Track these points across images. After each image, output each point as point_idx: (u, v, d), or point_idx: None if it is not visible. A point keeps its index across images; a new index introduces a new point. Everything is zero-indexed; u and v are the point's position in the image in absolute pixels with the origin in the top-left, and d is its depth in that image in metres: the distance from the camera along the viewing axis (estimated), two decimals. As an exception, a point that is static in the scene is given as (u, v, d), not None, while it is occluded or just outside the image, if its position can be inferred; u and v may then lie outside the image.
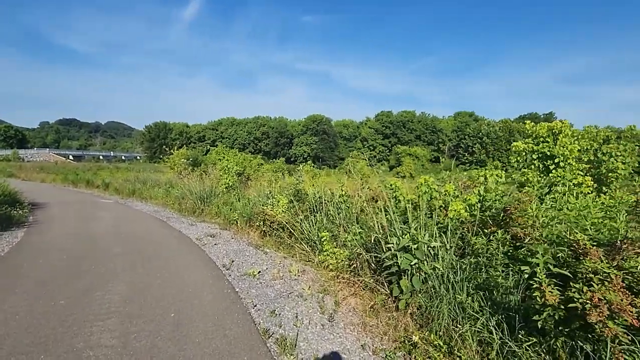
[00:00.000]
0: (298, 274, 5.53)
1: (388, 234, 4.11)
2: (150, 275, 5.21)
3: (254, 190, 12.73)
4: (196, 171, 17.79)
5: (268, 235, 8.26)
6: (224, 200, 11.85)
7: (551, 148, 6.42)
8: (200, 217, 11.44)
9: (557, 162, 6.27)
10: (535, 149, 6.53)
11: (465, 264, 3.32)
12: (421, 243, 3.52)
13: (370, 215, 5.90)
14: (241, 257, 6.43)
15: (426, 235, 3.60)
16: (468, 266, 3.24)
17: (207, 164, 23.96)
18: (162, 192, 15.78)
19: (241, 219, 9.46)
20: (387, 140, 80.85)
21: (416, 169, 56.93)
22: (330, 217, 6.95)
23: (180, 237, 8.07)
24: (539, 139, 6.71)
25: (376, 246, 4.37)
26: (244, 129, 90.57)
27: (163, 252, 6.57)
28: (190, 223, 10.08)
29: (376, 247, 4.37)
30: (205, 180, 14.17)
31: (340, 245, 5.77)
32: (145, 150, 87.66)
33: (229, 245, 7.42)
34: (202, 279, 5.12)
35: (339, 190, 7.38)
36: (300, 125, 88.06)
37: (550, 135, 6.58)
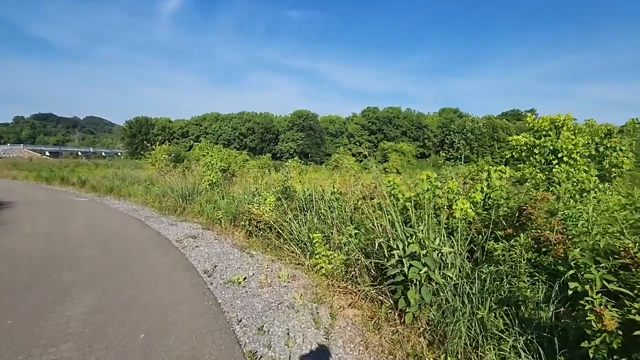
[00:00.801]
0: (288, 279, 5.03)
1: (391, 237, 3.64)
2: (121, 284, 4.60)
3: (239, 188, 12.14)
4: (178, 168, 17.12)
5: (254, 236, 7.72)
6: (207, 198, 11.22)
7: (554, 142, 6.08)
8: (182, 216, 10.78)
9: (560, 157, 5.94)
10: (537, 143, 6.19)
11: (483, 272, 2.88)
12: (431, 249, 3.07)
13: (366, 215, 5.44)
14: (225, 261, 5.88)
15: (437, 240, 3.15)
16: (488, 276, 2.81)
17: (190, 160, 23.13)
18: (141, 190, 15.00)
19: (225, 218, 8.87)
20: (373, 136, 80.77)
21: (402, 165, 57.04)
22: (321, 217, 6.46)
23: (158, 239, 7.44)
24: (540, 132, 6.38)
25: (377, 250, 3.91)
26: (228, 124, 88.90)
27: (138, 257, 5.94)
28: (171, 223, 9.42)
29: (377, 252, 3.90)
30: (188, 177, 13.49)
31: (334, 248, 5.30)
32: (126, 146, 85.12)
33: (212, 247, 6.84)
34: (181, 288, 4.56)
35: (331, 187, 6.89)
36: (286, 121, 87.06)
37: (552, 128, 6.25)
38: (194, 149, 32.37)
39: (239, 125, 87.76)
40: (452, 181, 4.63)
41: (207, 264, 5.65)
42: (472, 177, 6.79)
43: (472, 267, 3.08)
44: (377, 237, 3.82)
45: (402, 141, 73.51)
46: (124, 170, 24.27)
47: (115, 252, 6.21)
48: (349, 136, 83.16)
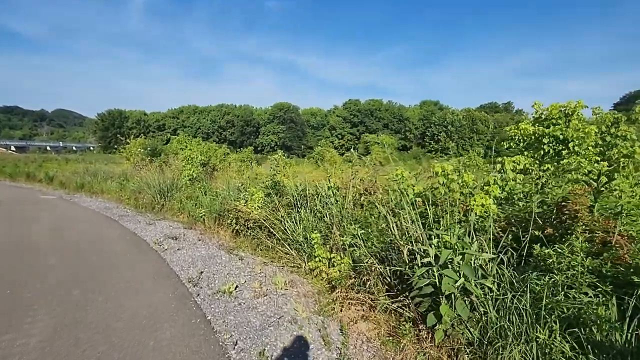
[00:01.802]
0: (285, 286, 4.45)
1: (414, 238, 3.12)
2: (89, 299, 3.90)
3: (222, 183, 11.44)
4: (155, 162, 16.21)
5: (242, 235, 7.09)
6: (188, 194, 10.45)
7: (564, 131, 5.73)
8: (160, 213, 9.99)
9: (571, 147, 5.58)
10: (547, 132, 5.82)
11: (536, 283, 2.40)
12: (469, 255, 2.58)
13: (369, 212, 4.92)
14: (212, 266, 5.23)
15: (474, 244, 2.65)
16: (543, 287, 2.33)
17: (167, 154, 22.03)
18: (115, 186, 14.01)
19: (209, 216, 8.18)
20: (355, 128, 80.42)
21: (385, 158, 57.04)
22: (318, 214, 5.90)
23: (134, 241, 6.68)
24: (549, 121, 6.01)
25: (393, 254, 3.39)
26: (207, 117, 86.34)
27: (111, 263, 5.21)
28: (148, 222, 8.63)
29: (394, 256, 3.38)
30: (166, 172, 12.63)
31: (335, 250, 4.75)
32: (99, 140, 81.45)
33: (196, 249, 6.16)
34: (162, 303, 3.90)
35: (326, 182, 6.32)
36: (267, 114, 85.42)
37: (562, 116, 5.89)
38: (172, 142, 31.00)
39: (217, 118, 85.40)
40: (467, 174, 4.15)
41: (191, 271, 4.99)
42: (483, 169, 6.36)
43: (514, 275, 2.60)
44: (396, 240, 3.29)
45: (384, 134, 73.56)
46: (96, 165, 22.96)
47: (83, 259, 5.44)
48: (331, 129, 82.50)
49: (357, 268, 3.71)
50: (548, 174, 5.69)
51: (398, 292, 3.24)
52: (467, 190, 4.16)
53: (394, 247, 3.35)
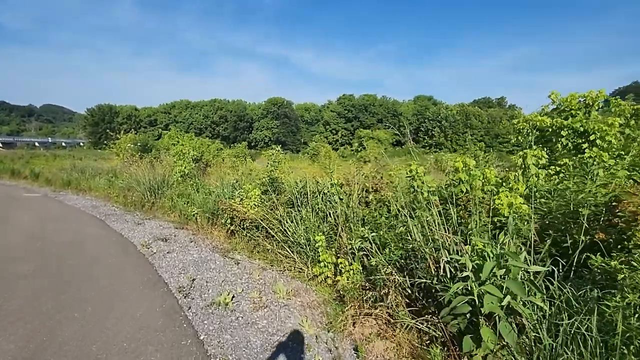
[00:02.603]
0: (287, 295, 3.99)
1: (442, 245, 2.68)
2: (63, 317, 3.40)
3: (215, 179, 10.93)
4: (146, 158, 15.64)
5: (237, 236, 6.61)
6: (180, 192, 9.92)
7: (584, 123, 5.32)
8: (150, 212, 9.46)
9: (592, 140, 5.19)
10: (566, 124, 5.40)
11: (609, 304, 1.96)
12: (515, 268, 2.13)
13: (379, 212, 4.47)
14: (205, 272, 4.75)
15: (523, 254, 2.20)
16: (620, 310, 1.89)
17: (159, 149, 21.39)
18: (104, 183, 13.41)
19: (202, 215, 7.67)
20: (349, 124, 79.89)
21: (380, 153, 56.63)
22: (320, 213, 5.43)
23: (121, 244, 6.15)
24: (567, 112, 5.61)
25: (414, 262, 2.93)
26: (199, 112, 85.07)
27: (93, 271, 4.69)
28: (137, 221, 8.10)
29: (414, 264, 2.93)
30: (157, 168, 12.07)
31: (341, 253, 4.30)
32: (89, 135, 79.81)
33: (187, 252, 5.67)
34: (148, 317, 3.41)
35: (327, 178, 5.85)
36: (261, 109, 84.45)
37: (581, 107, 5.49)
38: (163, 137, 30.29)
39: (210, 114, 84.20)
40: (489, 169, 3.71)
41: (182, 278, 4.49)
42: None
43: (571, 292, 2.17)
44: (419, 246, 2.84)
45: (378, 129, 73.17)
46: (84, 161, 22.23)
47: (62, 266, 4.91)
48: (325, 124, 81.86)
49: (371, 277, 3.26)
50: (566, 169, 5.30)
51: (422, 307, 2.79)
52: (489, 188, 3.74)
53: (416, 254, 2.90)
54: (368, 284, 3.25)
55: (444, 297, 2.35)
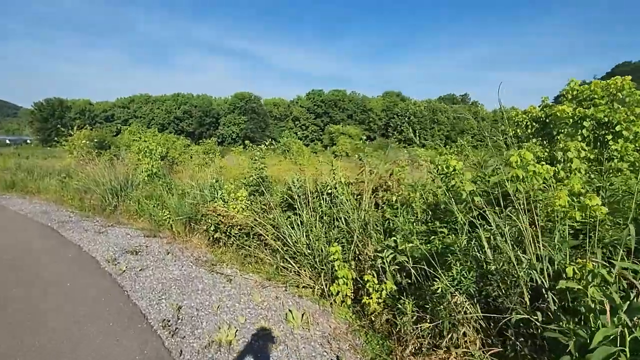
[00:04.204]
0: (304, 324, 3.22)
1: (545, 269, 2.01)
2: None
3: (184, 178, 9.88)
4: (104, 156, 14.18)
5: (223, 244, 5.71)
6: (148, 193, 8.77)
7: (608, 113, 4.95)
8: (113, 217, 8.25)
9: (617, 132, 4.82)
10: (588, 114, 5.00)
11: None
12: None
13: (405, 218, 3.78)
14: (192, 295, 3.84)
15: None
16: None
17: (118, 146, 19.67)
18: (56, 184, 11.84)
19: (177, 221, 6.65)
20: (319, 119, 79.25)
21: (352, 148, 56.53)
22: (325, 218, 4.68)
23: (79, 260, 5.05)
24: (589, 102, 5.22)
25: (490, 286, 2.26)
26: (161, 107, 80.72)
27: (42, 302, 3.64)
28: (98, 229, 6.92)
29: (489, 288, 2.25)
30: (118, 167, 10.74)
31: (369, 268, 3.58)
32: (36, 132, 73.31)
33: (166, 268, 4.70)
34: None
35: (332, 176, 5.09)
36: (227, 104, 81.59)
37: (606, 96, 5.13)
38: (123, 133, 28.02)
39: (173, 108, 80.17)
40: (543, 166, 3.12)
41: (164, 305, 3.56)
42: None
43: None
44: (509, 268, 2.16)
45: (348, 124, 73.14)
46: (32, 159, 19.98)
47: (3, 292, 3.81)
48: (295, 120, 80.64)
49: (427, 305, 2.54)
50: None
51: (510, 349, 2.12)
52: (539, 185, 3.17)
53: (494, 277, 2.23)
54: (420, 311, 2.55)
55: (544, 338, 1.69)
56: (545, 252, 2.20)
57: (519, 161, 3.04)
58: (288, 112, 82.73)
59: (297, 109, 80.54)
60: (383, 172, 5.06)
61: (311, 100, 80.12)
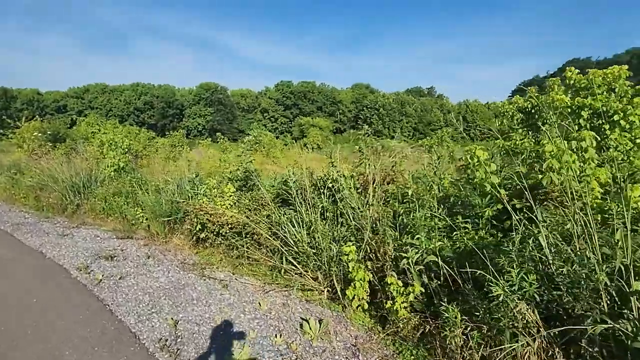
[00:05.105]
0: (321, 335, 2.88)
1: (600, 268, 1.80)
2: None
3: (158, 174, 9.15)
4: (59, 149, 12.96)
5: (209, 245, 5.22)
6: (116, 190, 7.97)
7: (605, 102, 4.96)
8: (77, 217, 7.44)
9: (616, 121, 4.84)
10: (587, 103, 4.99)
11: None
12: None
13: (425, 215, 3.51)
14: (187, 306, 3.37)
15: None
16: None
17: (75, 139, 18.10)
18: (4, 181, 10.64)
19: (155, 220, 6.04)
20: (288, 111, 78.09)
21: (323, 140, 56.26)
22: (327, 214, 4.33)
23: (44, 269, 4.37)
24: (586, 91, 5.22)
25: (573, 296, 2.00)
26: (120, 97, 75.88)
27: (3, 324, 3.03)
28: (62, 232, 6.16)
29: (554, 295, 2.01)
30: (77, 161, 9.73)
31: (388, 268, 3.28)
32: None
33: (149, 275, 4.16)
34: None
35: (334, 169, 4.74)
36: (192, 95, 78.23)
37: (604, 85, 5.14)
38: (79, 125, 25.79)
39: (133, 99, 75.64)
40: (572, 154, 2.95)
41: (157, 322, 3.07)
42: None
43: None
44: (576, 271, 1.92)
45: (318, 116, 72.66)
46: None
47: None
48: (263, 111, 78.93)
49: (479, 311, 2.27)
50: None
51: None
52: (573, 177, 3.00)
53: (566, 279, 1.99)
54: (467, 319, 2.28)
55: None
56: (608, 251, 2.00)
57: (554, 150, 2.86)
58: (256, 103, 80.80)
59: (266, 101, 78.87)
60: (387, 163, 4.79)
61: (280, 92, 78.71)
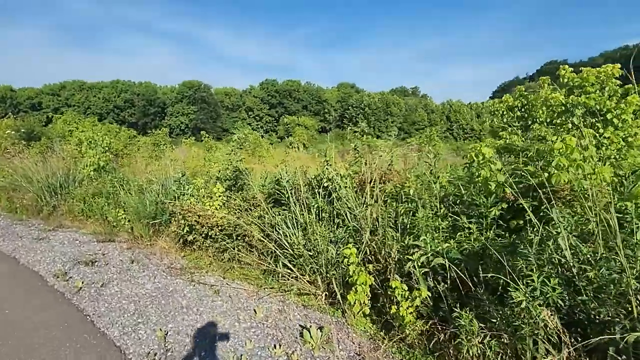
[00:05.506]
0: (324, 344, 2.71)
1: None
2: None
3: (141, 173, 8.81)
4: (34, 148, 12.43)
5: (197, 248, 4.97)
6: (96, 190, 7.58)
7: (598, 100, 4.97)
8: (53, 219, 7.04)
9: (609, 119, 4.86)
10: (581, 101, 4.99)
11: None
12: None
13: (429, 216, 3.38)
14: (177, 315, 3.14)
15: None
16: None
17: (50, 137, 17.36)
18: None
19: (138, 222, 5.73)
20: (273, 110, 77.46)
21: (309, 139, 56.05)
22: (323, 215, 4.16)
23: (17, 276, 4.04)
24: (581, 89, 5.23)
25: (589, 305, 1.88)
26: (98, 94, 73.56)
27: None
28: (37, 235, 5.80)
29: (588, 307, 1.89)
30: (54, 161, 9.24)
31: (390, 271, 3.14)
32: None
33: (135, 281, 3.90)
34: None
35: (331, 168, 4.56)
36: (174, 92, 76.60)
37: (597, 83, 5.15)
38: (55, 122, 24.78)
39: (112, 97, 73.46)
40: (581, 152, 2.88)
41: (144, 333, 2.83)
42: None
43: None
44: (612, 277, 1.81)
45: (303, 115, 72.37)
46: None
47: None
48: (248, 110, 78.01)
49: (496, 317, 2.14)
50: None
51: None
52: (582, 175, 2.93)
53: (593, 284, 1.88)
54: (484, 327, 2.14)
55: None
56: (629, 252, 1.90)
57: (563, 148, 2.78)
58: (241, 102, 79.78)
59: (251, 99, 78.00)
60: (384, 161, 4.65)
61: (265, 90, 78.00)
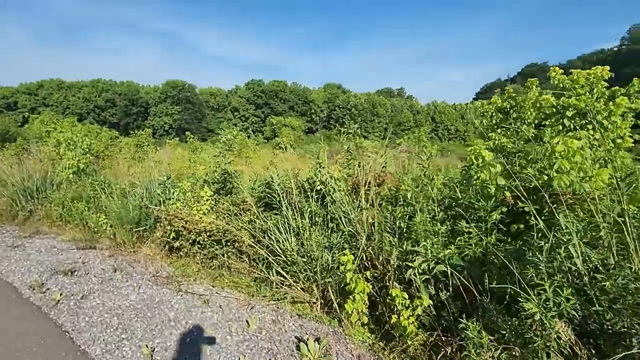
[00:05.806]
0: (322, 357, 2.58)
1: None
2: None
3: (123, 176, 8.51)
4: (9, 149, 11.96)
5: (184, 254, 4.76)
6: (75, 194, 7.24)
7: (588, 102, 5.01)
8: (30, 225, 6.69)
9: (598, 122, 4.89)
10: (571, 103, 5.01)
11: None
12: None
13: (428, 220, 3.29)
14: (165, 330, 2.95)
15: None
16: None
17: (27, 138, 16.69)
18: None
19: (121, 227, 5.47)
20: (259, 110, 76.84)
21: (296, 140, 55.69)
22: (317, 219, 4.03)
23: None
24: (571, 91, 5.25)
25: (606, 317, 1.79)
26: (78, 94, 71.44)
27: None
28: (11, 243, 5.48)
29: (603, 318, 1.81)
30: (30, 163, 8.83)
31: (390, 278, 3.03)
32: None
33: (118, 292, 3.68)
34: None
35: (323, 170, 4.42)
36: (157, 92, 75.05)
37: (587, 86, 5.18)
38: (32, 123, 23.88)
39: (93, 96, 71.46)
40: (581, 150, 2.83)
41: (129, 350, 2.63)
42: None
43: None
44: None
45: (290, 116, 72.04)
46: None
47: None
48: (233, 110, 77.13)
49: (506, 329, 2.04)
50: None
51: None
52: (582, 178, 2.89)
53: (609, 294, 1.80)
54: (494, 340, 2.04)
55: None
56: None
57: (565, 150, 2.73)
58: (226, 102, 78.81)
59: (236, 100, 77.14)
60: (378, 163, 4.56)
61: (251, 91, 77.29)
